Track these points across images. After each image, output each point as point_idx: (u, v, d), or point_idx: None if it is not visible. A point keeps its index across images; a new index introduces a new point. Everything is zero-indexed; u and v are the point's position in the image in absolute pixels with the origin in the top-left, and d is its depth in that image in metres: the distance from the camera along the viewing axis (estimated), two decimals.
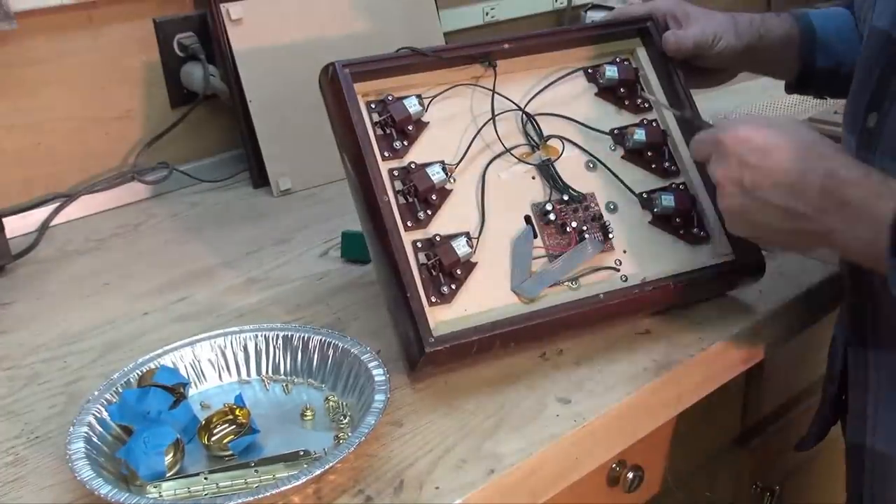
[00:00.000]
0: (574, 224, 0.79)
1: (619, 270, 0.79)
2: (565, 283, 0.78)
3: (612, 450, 0.74)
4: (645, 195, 0.83)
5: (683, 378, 0.76)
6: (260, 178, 1.20)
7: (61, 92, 1.13)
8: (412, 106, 0.79)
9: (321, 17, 1.21)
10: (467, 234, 0.76)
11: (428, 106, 0.81)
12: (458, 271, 0.75)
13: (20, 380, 0.80)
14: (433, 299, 0.74)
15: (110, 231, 1.10)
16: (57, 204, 1.13)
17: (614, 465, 0.81)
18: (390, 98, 0.80)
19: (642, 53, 0.88)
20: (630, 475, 0.82)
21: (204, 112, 1.24)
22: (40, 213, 1.12)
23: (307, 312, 0.87)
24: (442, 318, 0.74)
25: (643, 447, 0.77)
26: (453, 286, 0.75)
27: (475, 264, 0.77)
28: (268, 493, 0.60)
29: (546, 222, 0.80)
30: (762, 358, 0.84)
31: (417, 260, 0.75)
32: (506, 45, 0.83)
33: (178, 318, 0.88)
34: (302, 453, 0.66)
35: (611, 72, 0.86)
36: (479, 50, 0.83)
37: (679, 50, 0.86)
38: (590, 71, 0.87)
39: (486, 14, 1.50)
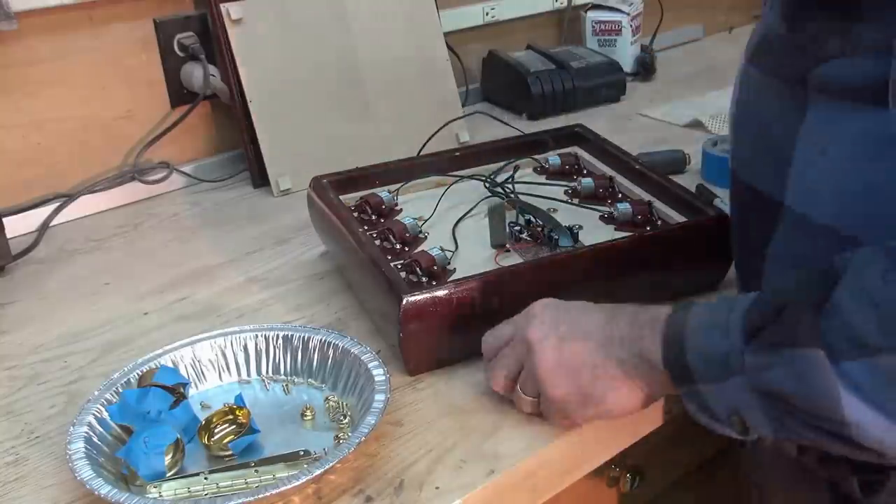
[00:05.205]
0: (543, 231, 0.84)
1: None
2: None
3: (612, 450, 0.74)
4: (605, 214, 0.89)
5: None
6: (260, 178, 1.20)
7: (61, 92, 1.13)
8: (384, 195, 0.92)
9: (321, 17, 1.21)
10: (442, 248, 0.81)
11: (397, 196, 0.94)
12: (435, 267, 0.79)
13: (20, 380, 0.80)
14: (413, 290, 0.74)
15: (110, 231, 1.10)
16: (57, 204, 1.13)
17: (614, 465, 0.81)
18: (366, 196, 0.93)
19: (580, 151, 1.03)
20: (630, 475, 0.82)
21: (204, 112, 1.24)
22: (40, 213, 1.12)
23: (307, 312, 0.87)
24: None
25: (643, 447, 0.77)
26: (434, 283, 0.77)
27: (453, 271, 0.80)
28: (268, 493, 0.60)
29: (518, 240, 0.85)
30: None
31: (397, 269, 0.79)
32: (457, 154, 1.00)
33: (178, 318, 0.88)
34: (302, 453, 0.66)
35: (554, 160, 1.01)
36: (437, 159, 0.99)
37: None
38: (537, 161, 1.02)
39: (487, 14, 1.50)
